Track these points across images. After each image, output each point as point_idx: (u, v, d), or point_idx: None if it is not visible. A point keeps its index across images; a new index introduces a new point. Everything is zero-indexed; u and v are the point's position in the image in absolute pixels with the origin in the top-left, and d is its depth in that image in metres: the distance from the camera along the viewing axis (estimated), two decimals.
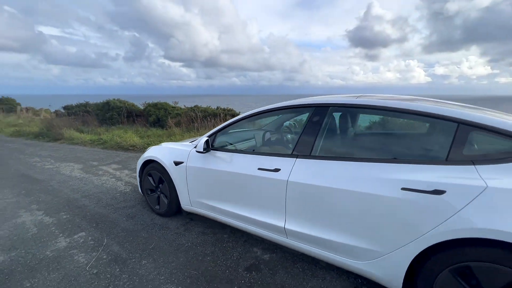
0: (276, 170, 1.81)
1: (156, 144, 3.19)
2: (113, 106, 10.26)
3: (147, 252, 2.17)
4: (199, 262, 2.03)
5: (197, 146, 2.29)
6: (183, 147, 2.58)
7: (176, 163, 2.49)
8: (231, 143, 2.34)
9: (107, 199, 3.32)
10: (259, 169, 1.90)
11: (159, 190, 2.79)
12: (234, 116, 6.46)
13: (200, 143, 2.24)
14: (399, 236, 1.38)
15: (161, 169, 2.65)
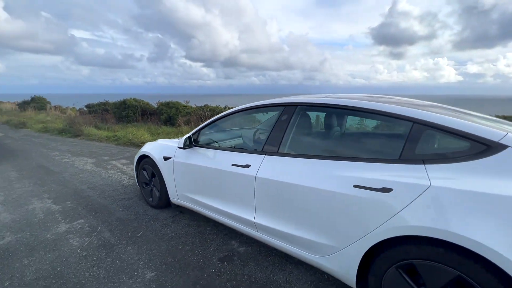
0: (247, 166, 1.90)
1: None
2: (129, 105, 10.83)
3: (134, 240, 2.35)
4: (178, 251, 2.17)
5: (179, 142, 2.44)
6: (173, 143, 2.74)
7: (165, 158, 2.65)
8: (215, 141, 2.45)
9: (110, 191, 3.57)
10: (232, 165, 2.00)
11: (152, 183, 2.97)
12: None
13: (181, 140, 2.38)
14: (352, 232, 1.42)
15: (153, 164, 2.82)
